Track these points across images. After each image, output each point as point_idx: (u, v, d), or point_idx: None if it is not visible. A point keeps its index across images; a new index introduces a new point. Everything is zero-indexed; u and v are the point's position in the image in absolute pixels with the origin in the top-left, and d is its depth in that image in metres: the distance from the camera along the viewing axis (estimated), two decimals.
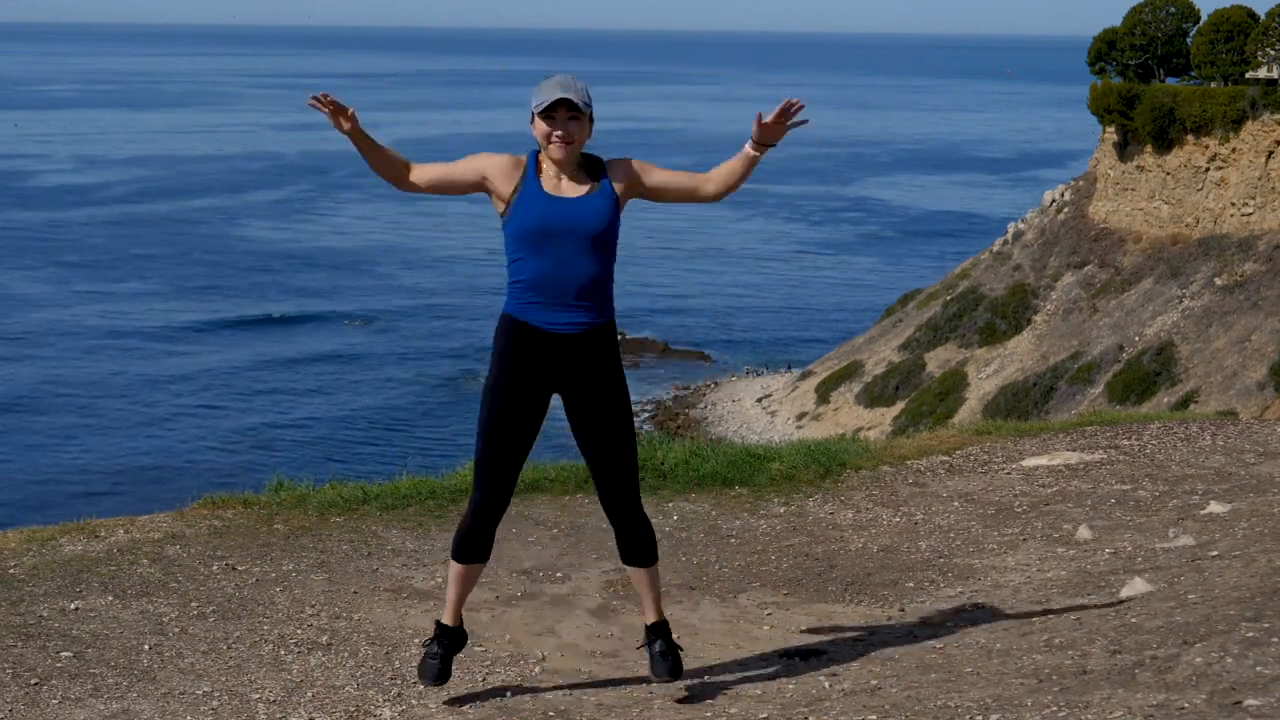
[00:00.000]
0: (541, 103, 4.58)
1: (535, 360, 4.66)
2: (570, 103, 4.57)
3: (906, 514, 7.81)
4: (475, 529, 4.81)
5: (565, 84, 4.59)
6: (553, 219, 4.59)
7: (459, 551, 4.86)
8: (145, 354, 52.43)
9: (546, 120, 4.59)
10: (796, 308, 63.53)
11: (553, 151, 4.61)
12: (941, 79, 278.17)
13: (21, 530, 7.06)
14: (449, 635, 5.00)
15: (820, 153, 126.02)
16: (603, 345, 4.70)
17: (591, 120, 4.66)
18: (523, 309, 4.66)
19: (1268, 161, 40.70)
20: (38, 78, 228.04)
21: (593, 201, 4.63)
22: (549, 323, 4.63)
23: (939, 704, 4.14)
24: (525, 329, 4.65)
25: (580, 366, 4.68)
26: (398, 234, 79.10)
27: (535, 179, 4.66)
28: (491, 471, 4.73)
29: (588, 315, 4.65)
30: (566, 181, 4.66)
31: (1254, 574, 5.45)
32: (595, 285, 4.65)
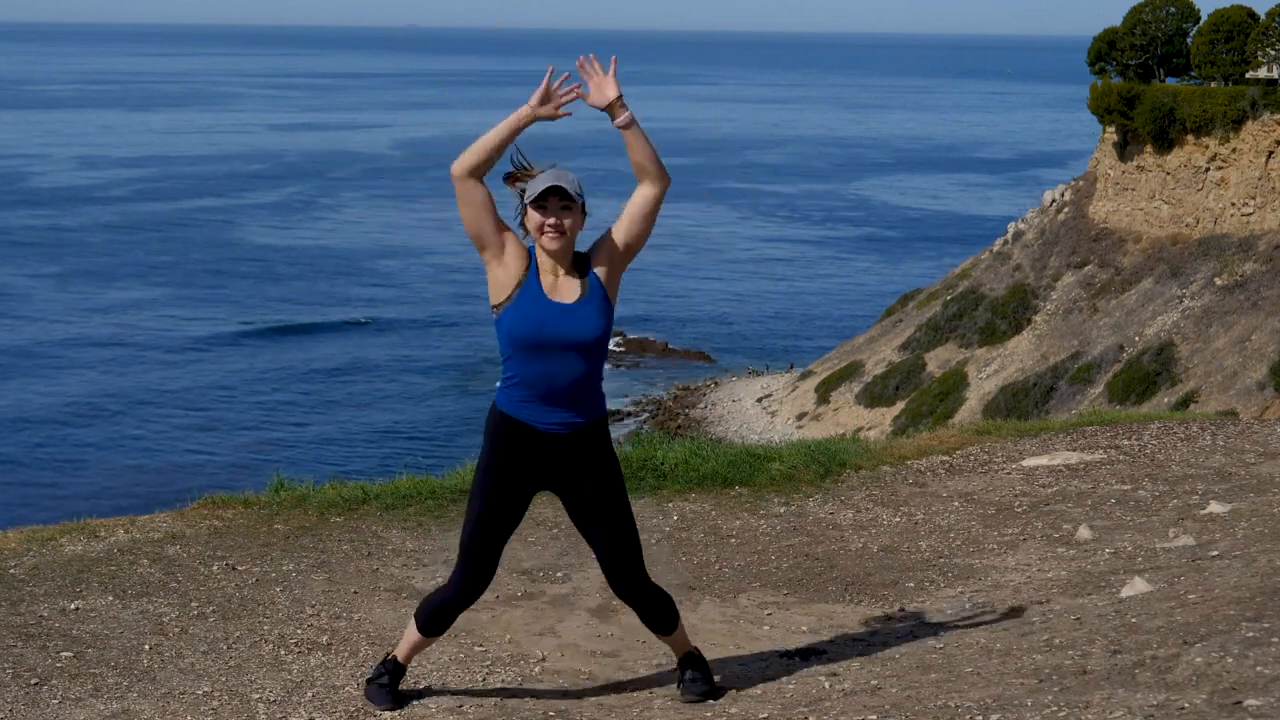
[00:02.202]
0: (533, 193, 4.58)
1: (525, 455, 4.69)
2: (562, 191, 4.56)
3: (906, 514, 7.81)
4: (452, 609, 4.88)
5: (557, 175, 4.60)
6: (546, 331, 4.59)
7: (429, 626, 4.93)
8: (145, 354, 52.39)
9: (539, 209, 4.59)
10: (796, 308, 63.52)
11: (546, 243, 4.60)
12: (941, 79, 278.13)
13: (21, 530, 7.06)
14: (399, 670, 5.06)
15: (820, 153, 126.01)
16: (594, 442, 4.72)
17: (584, 212, 4.66)
18: (514, 406, 4.68)
19: (1268, 161, 40.68)
20: (38, 78, 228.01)
21: (586, 311, 4.62)
22: (540, 421, 4.66)
23: (939, 704, 4.14)
24: (517, 426, 4.68)
25: (572, 464, 4.71)
26: (398, 234, 79.08)
27: (536, 278, 4.64)
28: (478, 558, 4.79)
29: (578, 415, 4.67)
30: (563, 278, 4.64)
31: (1254, 574, 5.45)
32: (586, 387, 4.67)
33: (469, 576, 4.81)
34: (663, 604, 4.91)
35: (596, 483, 4.73)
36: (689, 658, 5.01)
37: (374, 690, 5.03)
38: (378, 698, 5.01)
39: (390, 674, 5.02)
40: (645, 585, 4.87)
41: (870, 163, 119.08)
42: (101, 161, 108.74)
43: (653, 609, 4.90)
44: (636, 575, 4.84)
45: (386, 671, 5.03)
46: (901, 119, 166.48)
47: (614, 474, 4.77)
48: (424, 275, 68.43)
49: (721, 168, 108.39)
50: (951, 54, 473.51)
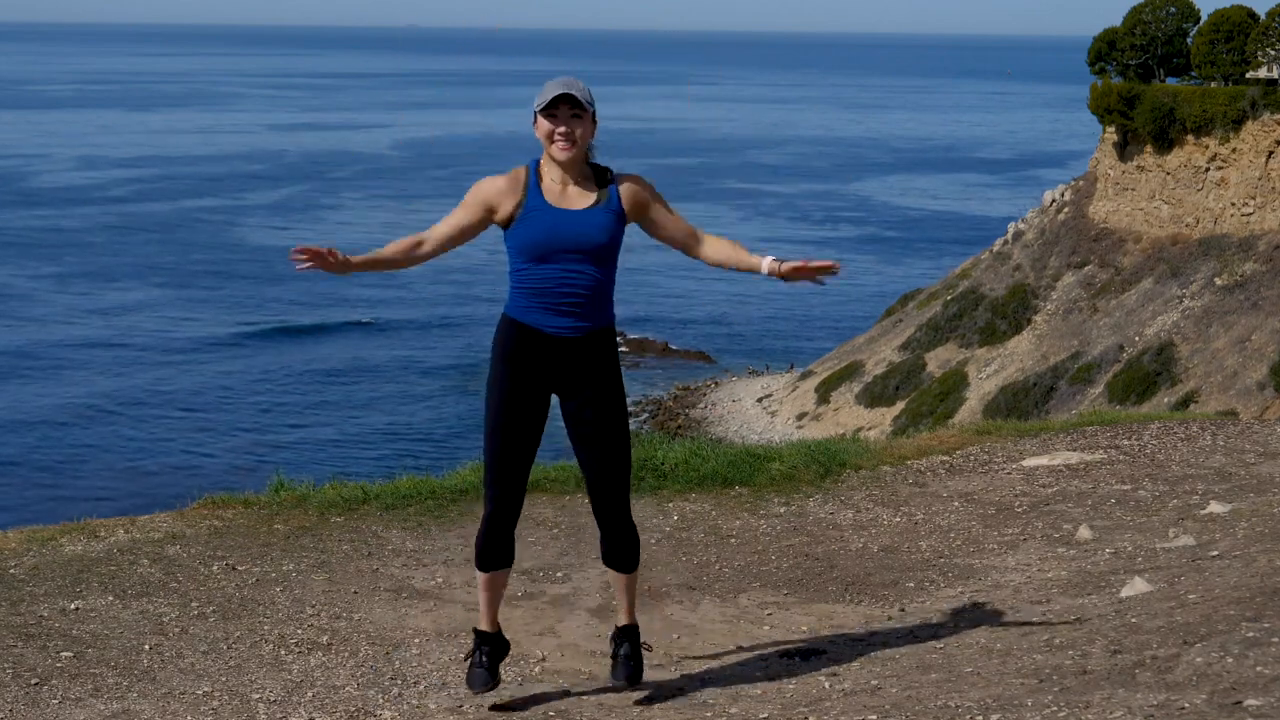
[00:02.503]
0: (543, 100, 4.57)
1: (534, 360, 4.67)
2: (573, 99, 4.54)
3: (906, 514, 7.81)
4: (493, 534, 4.80)
5: (567, 82, 4.58)
6: (555, 235, 4.58)
7: (482, 560, 4.85)
8: (144, 354, 52.38)
9: (549, 118, 4.57)
10: (796, 308, 63.51)
11: (555, 152, 4.58)
12: (941, 79, 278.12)
13: (21, 530, 7.06)
14: (489, 641, 4.96)
15: (820, 153, 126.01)
16: (601, 348, 4.71)
17: (594, 121, 4.64)
18: (523, 311, 4.66)
19: (1268, 161, 40.68)
20: (38, 78, 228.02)
21: (597, 216, 4.62)
22: (548, 325, 4.64)
23: (939, 704, 4.14)
24: (525, 330, 4.66)
25: (578, 368, 4.69)
26: (397, 234, 78.84)
27: (538, 190, 4.63)
28: (502, 474, 4.73)
29: (587, 320, 4.65)
30: (572, 188, 4.64)
31: (1254, 574, 5.45)
32: (595, 292, 4.66)
33: (499, 495, 4.75)
34: (631, 539, 4.88)
35: (599, 393, 4.71)
36: (629, 630, 5.00)
37: (475, 673, 4.92)
38: (476, 680, 4.90)
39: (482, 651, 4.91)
40: (625, 513, 4.84)
41: (870, 163, 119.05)
42: (101, 161, 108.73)
43: (622, 541, 4.86)
44: (620, 498, 4.81)
45: (478, 648, 4.93)
46: (901, 119, 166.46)
47: (617, 390, 4.75)
48: (423, 276, 68.36)
49: (721, 168, 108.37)
50: (951, 54, 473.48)
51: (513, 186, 4.66)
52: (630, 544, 4.89)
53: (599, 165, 4.72)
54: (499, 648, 4.99)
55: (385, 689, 5.24)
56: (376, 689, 5.24)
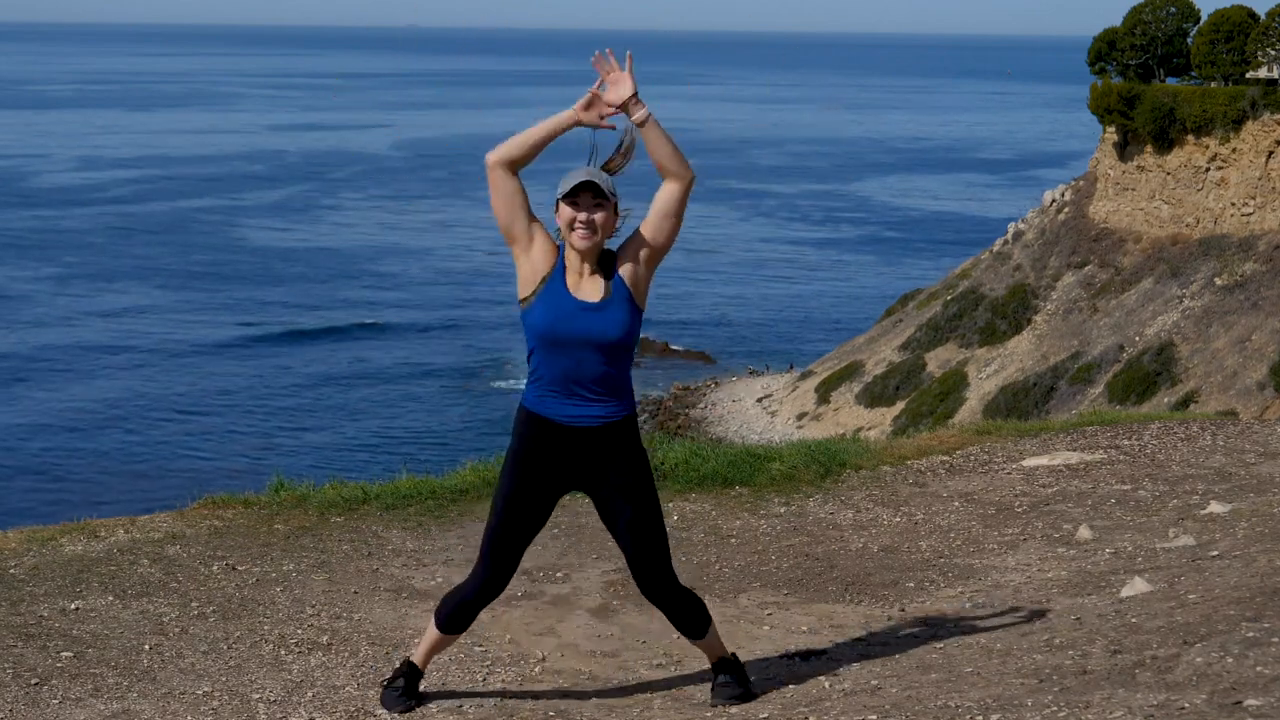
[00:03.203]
0: (565, 188, 4.54)
1: (552, 451, 4.64)
2: (595, 188, 4.52)
3: (906, 514, 7.81)
4: (471, 606, 4.84)
5: (590, 171, 4.57)
6: (571, 329, 4.54)
7: (448, 623, 4.87)
8: (144, 354, 52.38)
9: (570, 205, 4.54)
10: (796, 308, 63.53)
11: (575, 241, 4.54)
12: (941, 79, 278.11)
13: (21, 530, 7.06)
14: (415, 675, 5.02)
15: (820, 152, 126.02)
16: (622, 439, 4.66)
17: (617, 211, 4.60)
18: (537, 402, 4.64)
19: (1268, 161, 40.68)
20: (38, 78, 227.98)
21: (611, 312, 4.58)
22: (566, 416, 4.61)
23: (939, 704, 4.14)
24: (542, 422, 4.64)
25: (598, 460, 4.65)
26: (398, 234, 79.08)
27: (562, 276, 4.59)
28: (501, 557, 4.76)
29: (605, 409, 4.62)
30: (588, 277, 4.60)
31: (1254, 574, 5.45)
32: (612, 382, 4.63)
33: (490, 574, 4.77)
34: (693, 607, 4.84)
35: (623, 480, 4.66)
36: (723, 662, 4.95)
37: (388, 694, 4.99)
38: (391, 702, 4.97)
39: (405, 677, 4.99)
40: (673, 587, 4.81)
41: (871, 163, 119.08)
42: (101, 161, 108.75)
43: (682, 611, 4.83)
44: (664, 576, 4.77)
45: (402, 674, 4.99)
46: (901, 119, 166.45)
47: (642, 472, 4.70)
48: (424, 277, 68.43)
49: (721, 168, 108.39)
50: (951, 54, 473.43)
51: (550, 252, 4.62)
52: (691, 613, 4.85)
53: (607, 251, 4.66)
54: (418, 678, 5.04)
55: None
56: (376, 689, 5.23)
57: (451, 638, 4.95)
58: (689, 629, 4.87)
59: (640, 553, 4.73)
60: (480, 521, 7.49)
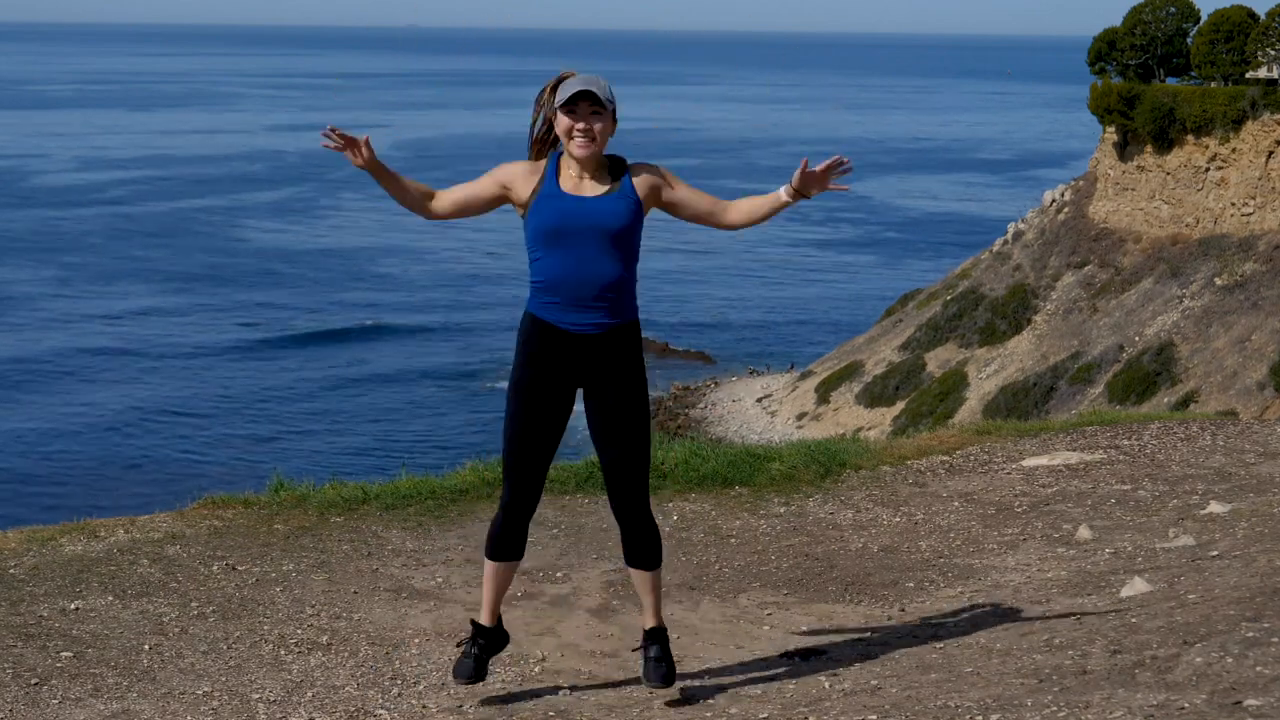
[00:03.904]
0: (563, 97, 4.56)
1: (557, 359, 4.66)
2: (593, 96, 4.55)
3: (906, 514, 7.81)
4: (507, 527, 4.81)
5: (588, 79, 4.59)
6: (571, 218, 4.57)
7: (492, 549, 4.85)
8: (144, 354, 52.39)
9: (569, 114, 4.57)
10: (796, 308, 63.52)
11: (574, 149, 4.58)
12: (941, 79, 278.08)
13: (21, 530, 7.06)
14: (485, 635, 4.98)
15: (820, 153, 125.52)
16: (624, 345, 4.69)
17: (614, 119, 4.64)
18: (543, 308, 4.66)
19: (1268, 161, 40.68)
20: (38, 78, 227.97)
21: (612, 201, 4.62)
22: (570, 322, 4.63)
23: (939, 704, 4.14)
24: (546, 328, 4.65)
25: (601, 365, 4.67)
26: (399, 234, 79.07)
27: (554, 179, 4.64)
28: (519, 469, 4.74)
29: (608, 315, 4.64)
30: (588, 181, 4.64)
31: (1254, 574, 5.45)
32: (615, 285, 4.64)
33: (516, 488, 4.76)
34: (653, 536, 4.84)
35: (618, 385, 4.69)
36: (657, 632, 4.95)
37: (460, 663, 4.95)
38: (462, 670, 4.93)
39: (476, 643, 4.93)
40: (645, 509, 4.82)
41: (871, 163, 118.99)
42: (101, 161, 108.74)
43: (644, 537, 4.83)
44: (640, 496, 4.79)
45: (473, 640, 4.95)
46: (901, 119, 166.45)
47: (639, 388, 4.73)
48: (424, 278, 68.44)
49: (721, 168, 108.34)
50: (951, 54, 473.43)
51: (532, 170, 4.69)
52: (652, 541, 4.85)
53: (615, 156, 4.72)
54: (495, 642, 5.01)
55: (385, 689, 5.24)
56: (376, 689, 5.24)
57: (505, 565, 4.87)
58: (646, 559, 4.85)
59: (624, 464, 4.74)
60: (481, 521, 7.49)
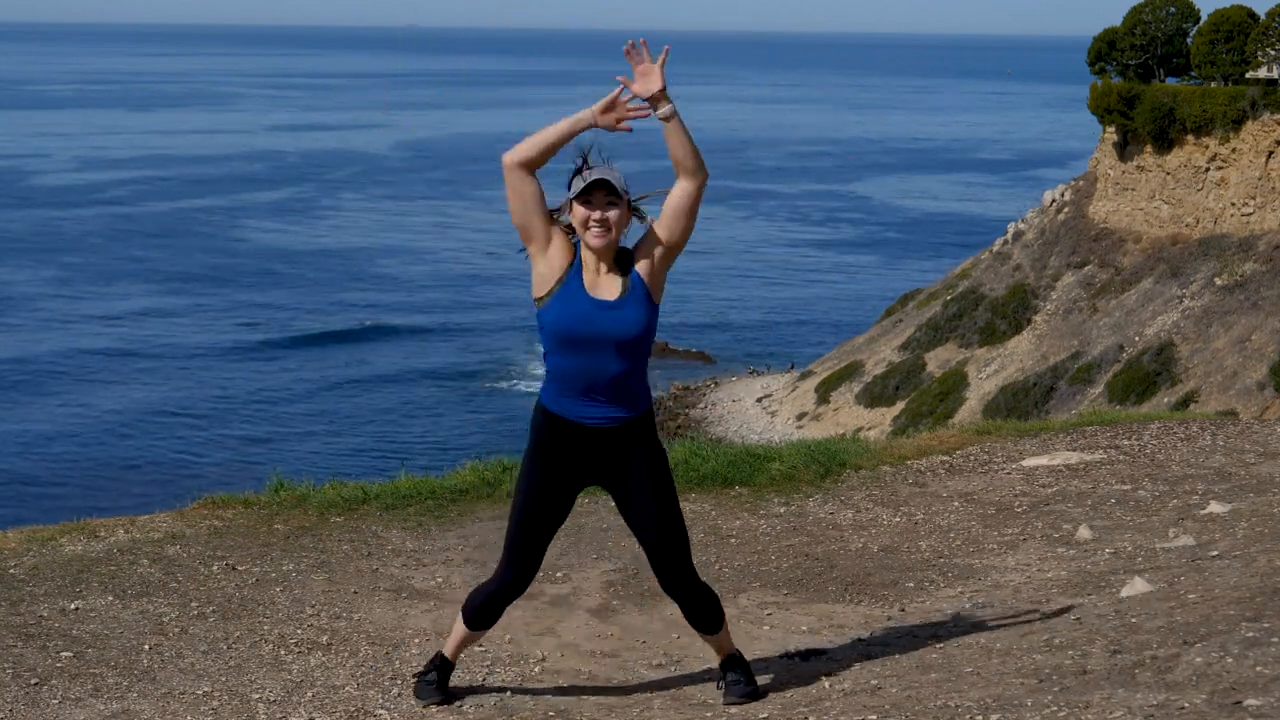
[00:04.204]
0: (578, 187, 4.54)
1: (571, 452, 4.66)
2: (609, 186, 4.53)
3: (906, 514, 7.81)
4: (496, 602, 4.88)
5: (604, 170, 4.57)
6: (589, 327, 4.54)
7: (475, 620, 4.91)
8: (143, 354, 52.37)
9: (584, 204, 4.54)
10: (796, 308, 63.53)
11: (590, 239, 4.55)
12: (941, 79, 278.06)
13: (21, 530, 7.06)
14: (446, 668, 5.08)
15: (820, 152, 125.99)
16: (639, 436, 4.68)
17: (631, 208, 4.62)
18: (557, 401, 4.65)
19: (1268, 161, 40.67)
20: (38, 78, 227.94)
21: (628, 310, 4.57)
22: (583, 416, 4.62)
23: (939, 704, 4.14)
24: (560, 422, 4.65)
25: (618, 459, 4.67)
26: (398, 235, 79.06)
27: (579, 273, 4.59)
28: (523, 555, 4.78)
29: (622, 409, 4.63)
30: (604, 275, 4.60)
31: (1254, 574, 5.45)
32: (629, 381, 4.63)
33: (514, 571, 4.80)
34: (709, 602, 4.87)
35: (642, 477, 4.69)
36: (731, 659, 4.96)
37: (422, 686, 5.04)
38: (425, 693, 5.02)
39: (438, 669, 5.05)
40: (693, 582, 4.84)
41: (871, 163, 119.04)
42: (101, 161, 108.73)
43: (698, 607, 4.86)
44: (684, 571, 4.80)
45: (434, 668, 5.05)
46: (901, 119, 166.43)
47: (660, 468, 4.73)
48: (423, 278, 68.43)
49: (721, 168, 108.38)
50: (951, 54, 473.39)
51: (566, 251, 4.62)
52: (707, 608, 4.88)
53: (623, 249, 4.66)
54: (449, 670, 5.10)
55: (385, 689, 5.24)
56: (376, 689, 5.24)
57: (480, 634, 5.00)
58: (704, 624, 4.89)
59: (661, 548, 4.76)
60: (480, 521, 7.50)
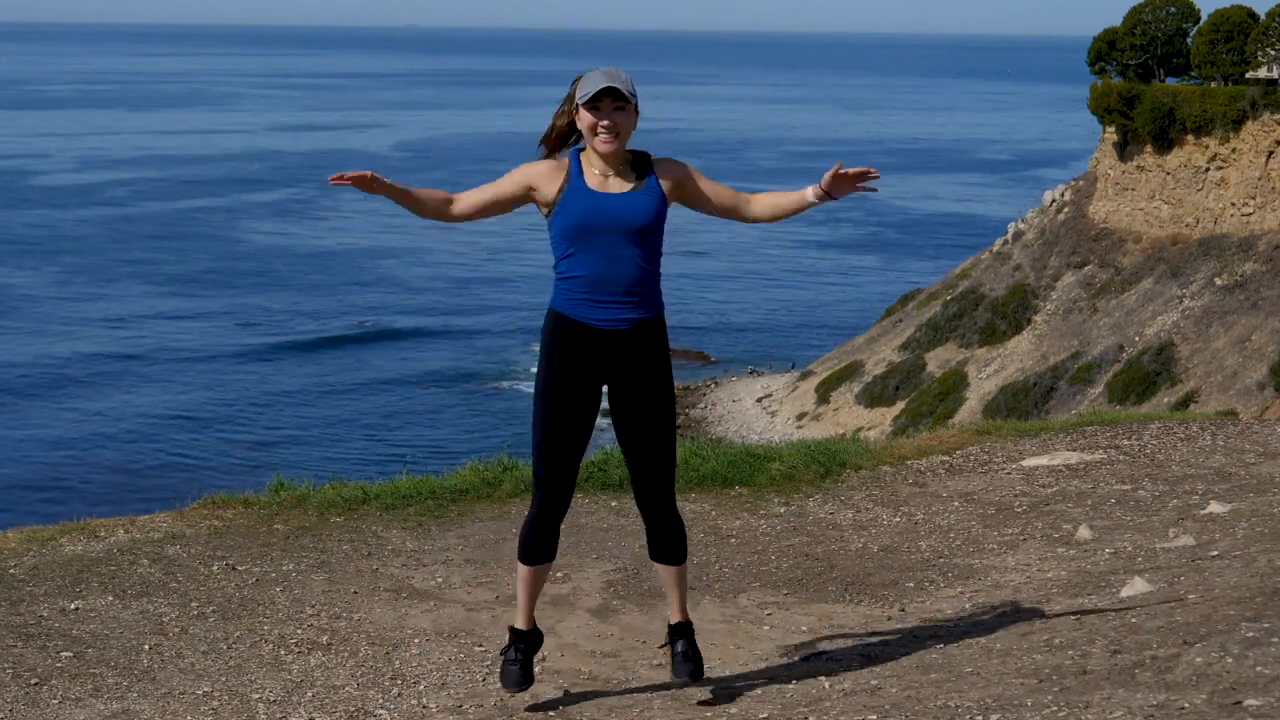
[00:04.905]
0: (587, 93, 4.53)
1: (584, 356, 4.63)
2: (616, 92, 4.52)
3: (906, 514, 7.81)
4: (540, 529, 4.75)
5: (610, 74, 4.56)
6: (598, 215, 4.55)
7: (526, 553, 4.78)
8: (145, 354, 52.37)
9: (592, 111, 4.54)
10: (797, 308, 63.52)
11: (598, 144, 4.56)
12: (941, 79, 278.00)
13: (21, 530, 7.06)
14: (524, 639, 4.93)
15: (820, 153, 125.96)
16: (651, 341, 4.67)
17: (637, 112, 4.62)
18: (570, 305, 4.62)
19: (1268, 161, 40.68)
20: (38, 78, 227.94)
21: (639, 198, 4.59)
22: (597, 319, 4.60)
23: (939, 704, 4.14)
24: (573, 325, 4.62)
25: (628, 361, 4.64)
26: (398, 236, 79.05)
27: (580, 177, 4.60)
28: (552, 470, 4.68)
29: (636, 310, 4.62)
30: (613, 178, 4.61)
31: (1254, 574, 5.45)
32: (642, 280, 4.61)
33: (548, 491, 4.70)
34: (679, 532, 4.82)
35: (645, 382, 4.66)
36: (683, 626, 4.92)
37: (507, 671, 4.86)
38: (510, 678, 4.85)
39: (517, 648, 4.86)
40: (670, 505, 4.79)
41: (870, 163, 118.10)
42: (101, 161, 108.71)
43: (668, 533, 4.80)
44: (665, 490, 4.76)
45: (514, 645, 4.88)
46: (901, 119, 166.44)
47: (666, 384, 4.71)
48: (423, 279, 68.42)
49: (722, 168, 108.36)
50: (951, 54, 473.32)
51: (556, 170, 4.64)
52: (678, 535, 4.83)
53: (638, 151, 4.69)
54: (534, 643, 4.95)
55: (385, 689, 5.24)
56: (376, 689, 5.24)
57: (539, 568, 4.81)
58: (672, 554, 4.83)
59: (650, 460, 4.71)
60: (480, 521, 7.49)
